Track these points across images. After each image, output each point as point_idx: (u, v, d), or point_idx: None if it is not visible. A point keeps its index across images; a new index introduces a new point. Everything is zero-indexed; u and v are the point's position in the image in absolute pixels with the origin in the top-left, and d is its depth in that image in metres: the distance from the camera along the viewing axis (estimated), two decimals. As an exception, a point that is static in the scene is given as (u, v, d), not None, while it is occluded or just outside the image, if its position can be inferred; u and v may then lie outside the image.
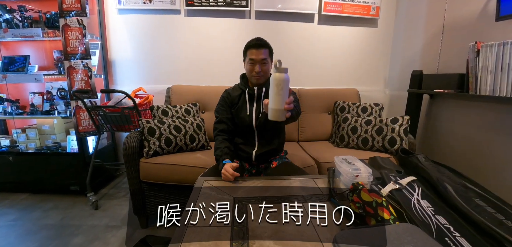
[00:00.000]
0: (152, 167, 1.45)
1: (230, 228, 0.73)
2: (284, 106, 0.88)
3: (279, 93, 0.87)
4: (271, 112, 0.91)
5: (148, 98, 1.87)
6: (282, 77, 0.86)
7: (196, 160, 1.48)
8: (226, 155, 1.14)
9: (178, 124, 1.59)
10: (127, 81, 2.30)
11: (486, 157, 1.48)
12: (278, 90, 0.86)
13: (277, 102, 0.88)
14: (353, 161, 1.03)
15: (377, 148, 1.62)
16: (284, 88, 0.87)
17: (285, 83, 0.87)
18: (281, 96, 0.87)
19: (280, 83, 0.86)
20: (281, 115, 0.90)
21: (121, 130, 1.89)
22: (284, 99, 0.88)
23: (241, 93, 1.28)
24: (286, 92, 0.88)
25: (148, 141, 1.48)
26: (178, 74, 2.24)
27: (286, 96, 0.88)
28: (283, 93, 0.87)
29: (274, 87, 0.87)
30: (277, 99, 0.88)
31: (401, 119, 1.59)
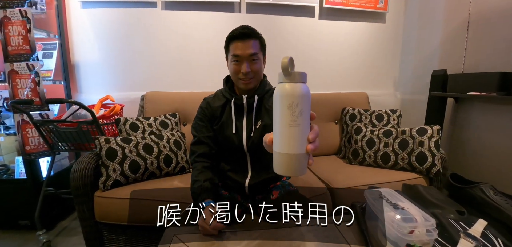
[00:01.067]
0: (111, 203, 1.07)
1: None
2: (305, 149, 0.44)
3: (293, 123, 0.43)
4: (279, 161, 0.45)
5: (114, 109, 1.50)
6: (297, 92, 0.42)
7: (172, 191, 1.11)
8: (206, 193, 0.80)
9: (149, 142, 1.22)
10: (93, 88, 1.92)
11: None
12: (292, 117, 0.43)
13: (291, 141, 0.43)
14: (397, 200, 0.70)
15: (402, 166, 1.30)
16: (303, 112, 0.43)
17: (305, 103, 0.43)
18: (299, 128, 0.43)
19: (295, 103, 0.42)
20: (299, 165, 0.44)
21: (80, 149, 1.50)
22: (304, 134, 0.44)
23: (225, 103, 0.93)
24: (307, 120, 0.44)
25: (106, 167, 1.11)
26: (155, 79, 1.88)
27: (306, 128, 0.44)
28: (301, 123, 0.43)
29: (283, 113, 0.43)
30: (289, 134, 0.43)
31: (430, 130, 1.28)
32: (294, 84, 0.43)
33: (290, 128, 0.42)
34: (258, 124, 0.92)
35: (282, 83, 0.44)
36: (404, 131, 1.34)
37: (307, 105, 0.43)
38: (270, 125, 0.92)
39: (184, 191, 1.10)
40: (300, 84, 0.43)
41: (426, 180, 1.28)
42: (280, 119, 0.43)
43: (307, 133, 0.44)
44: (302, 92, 0.42)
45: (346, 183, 1.20)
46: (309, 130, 0.45)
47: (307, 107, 0.43)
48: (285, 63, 0.42)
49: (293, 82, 0.43)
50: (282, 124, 0.43)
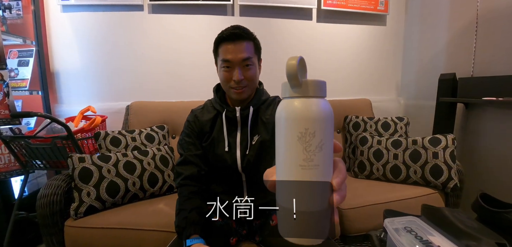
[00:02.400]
0: (84, 234, 0.92)
1: None
2: (327, 203, 0.26)
3: (308, 164, 0.26)
4: (286, 221, 0.27)
5: (94, 121, 1.34)
6: (314, 114, 0.26)
7: (157, 216, 0.96)
8: (193, 227, 0.65)
9: (131, 159, 1.08)
10: (75, 98, 1.76)
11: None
12: (306, 154, 0.26)
13: (304, 192, 0.26)
14: (424, 232, 0.57)
15: (415, 180, 1.18)
16: (323, 146, 0.26)
17: (326, 130, 0.26)
18: (316, 171, 0.26)
19: (310, 131, 0.26)
20: (317, 226, 0.27)
21: (57, 166, 1.34)
22: (325, 180, 0.26)
23: (215, 116, 0.80)
24: (329, 156, 0.27)
25: (79, 190, 0.96)
26: (141, 87, 1.73)
27: (328, 169, 0.27)
28: (320, 162, 0.26)
29: (292, 146, 0.27)
30: (301, 182, 0.26)
31: (444, 140, 1.17)
32: (308, 101, 0.27)
33: (302, 171, 0.26)
34: (254, 139, 0.78)
35: (289, 100, 0.28)
36: (415, 140, 1.22)
37: (330, 133, 0.27)
38: (268, 140, 0.76)
39: (171, 216, 0.95)
40: (318, 100, 0.27)
41: (442, 195, 1.16)
42: (286, 157, 0.27)
43: (330, 176, 0.27)
44: (322, 113, 0.26)
45: (355, 201, 1.07)
46: (332, 171, 0.27)
47: (329, 137, 0.26)
48: (293, 67, 0.26)
49: (307, 97, 0.27)
50: (290, 163, 0.27)
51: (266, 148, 0.78)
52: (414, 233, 0.57)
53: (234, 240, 0.83)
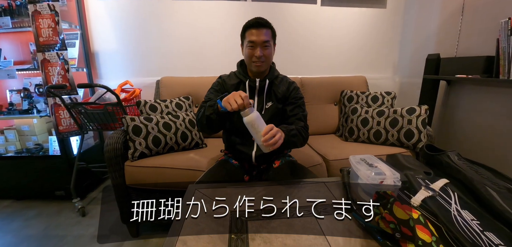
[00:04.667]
0: (138, 171, 1.28)
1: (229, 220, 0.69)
2: (261, 141, 0.83)
3: (255, 131, 0.85)
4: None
5: (134, 93, 1.68)
6: (251, 118, 0.84)
7: (189, 161, 1.30)
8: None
9: (167, 121, 1.41)
10: (112, 74, 2.10)
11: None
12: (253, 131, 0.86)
13: (258, 138, 0.85)
14: (373, 162, 0.86)
15: (392, 142, 1.45)
16: (256, 123, 0.84)
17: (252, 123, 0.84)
18: (258, 131, 0.84)
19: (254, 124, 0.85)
20: (264, 147, 0.85)
21: (106, 128, 1.71)
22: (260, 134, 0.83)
23: (238, 83, 1.09)
24: (261, 125, 0.85)
25: (133, 141, 1.30)
26: (169, 65, 2.04)
27: (261, 127, 0.84)
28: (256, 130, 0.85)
29: (250, 129, 0.86)
30: (256, 136, 0.86)
31: (418, 110, 1.42)
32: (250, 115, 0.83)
33: (257, 134, 0.84)
34: (268, 105, 1.08)
35: (245, 118, 0.83)
36: (396, 110, 1.47)
37: (258, 122, 0.83)
38: (278, 109, 1.14)
39: (199, 161, 1.29)
40: (252, 113, 0.83)
41: (413, 154, 1.42)
42: (252, 133, 0.85)
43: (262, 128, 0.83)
44: (255, 116, 0.83)
45: (339, 155, 1.36)
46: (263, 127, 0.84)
47: (259, 123, 0.83)
48: None
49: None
50: (253, 134, 0.84)
51: (276, 113, 1.09)
52: (367, 163, 0.86)
53: (247, 178, 1.15)
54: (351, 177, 0.93)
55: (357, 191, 0.85)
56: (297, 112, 1.08)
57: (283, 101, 1.10)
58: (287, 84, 1.12)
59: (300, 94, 1.13)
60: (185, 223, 0.68)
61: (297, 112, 1.08)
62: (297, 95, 1.11)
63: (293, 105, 1.10)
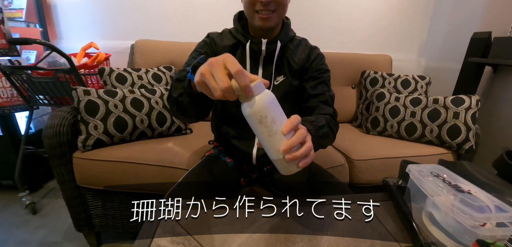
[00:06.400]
0: (93, 166, 0.91)
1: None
2: (281, 151, 0.40)
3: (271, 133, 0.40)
4: (278, 166, 0.44)
5: (97, 57, 1.27)
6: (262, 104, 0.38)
7: (165, 154, 0.94)
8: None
9: (138, 96, 1.03)
10: (75, 34, 1.66)
11: None
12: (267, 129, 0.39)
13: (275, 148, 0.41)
14: (456, 180, 0.54)
15: (429, 139, 1.14)
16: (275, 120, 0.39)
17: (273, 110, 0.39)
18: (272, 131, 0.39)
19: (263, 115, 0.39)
20: (289, 165, 0.42)
21: (62, 103, 1.31)
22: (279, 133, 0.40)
23: (235, 45, 0.71)
24: (278, 118, 0.40)
25: (86, 123, 0.93)
26: (148, 25, 1.61)
27: (279, 123, 0.40)
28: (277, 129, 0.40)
29: (257, 128, 0.40)
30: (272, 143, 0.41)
31: (468, 100, 1.10)
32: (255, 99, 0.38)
33: (269, 139, 0.40)
34: (278, 80, 0.71)
35: (244, 104, 0.39)
36: (437, 99, 1.15)
37: (275, 112, 0.39)
38: (293, 86, 0.70)
39: (180, 155, 0.94)
40: (261, 95, 0.38)
41: (455, 156, 1.13)
42: (259, 135, 0.41)
43: (282, 137, 0.40)
44: (265, 105, 0.38)
45: (366, 154, 1.04)
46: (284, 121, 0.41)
47: (277, 113, 0.40)
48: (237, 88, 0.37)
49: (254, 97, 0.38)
50: (263, 137, 0.40)
51: (289, 92, 0.71)
52: (441, 178, 0.54)
53: (244, 181, 0.81)
54: (407, 196, 0.61)
55: (422, 224, 0.54)
56: (322, 91, 0.72)
57: (301, 75, 0.74)
58: (308, 49, 0.74)
59: (326, 66, 0.76)
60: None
61: (322, 91, 0.72)
62: (321, 66, 0.74)
63: (316, 81, 0.73)
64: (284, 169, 0.43)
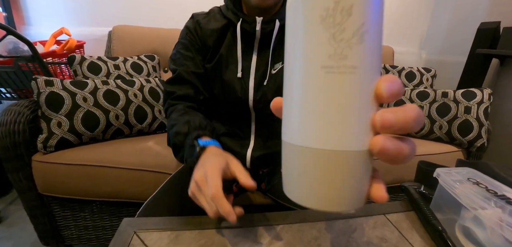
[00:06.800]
0: (56, 171, 0.76)
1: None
2: (367, 142, 0.15)
3: (336, 64, 0.14)
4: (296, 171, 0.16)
5: (67, 44, 1.11)
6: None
7: (145, 155, 0.81)
8: (199, 130, 0.48)
9: (113, 88, 0.88)
10: (46, 20, 1.47)
11: None
12: (334, 45, 0.14)
13: (329, 114, 0.14)
14: (493, 186, 0.44)
15: (438, 135, 1.05)
16: (368, 34, 0.14)
17: (371, 9, 0.14)
18: (353, 78, 0.14)
19: (344, 6, 0.14)
20: (348, 183, 0.15)
21: (26, 97, 1.14)
22: (367, 99, 0.15)
23: (224, 27, 0.57)
24: (376, 56, 0.15)
25: (48, 120, 0.78)
26: (128, 10, 1.45)
27: (371, 79, 0.15)
28: (360, 63, 0.14)
29: (309, 36, 0.15)
30: (325, 95, 0.14)
31: (479, 94, 1.02)
32: None
33: (327, 76, 0.14)
34: (276, 67, 0.58)
35: None
36: (445, 93, 1.06)
37: (378, 16, 0.14)
38: None
39: (162, 156, 0.81)
40: None
41: (465, 154, 1.05)
42: (298, 55, 0.15)
43: (374, 96, 0.15)
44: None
45: (374, 154, 0.94)
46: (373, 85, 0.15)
47: (376, 22, 0.14)
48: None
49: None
50: (305, 64, 0.15)
51: None
52: (483, 186, 0.44)
53: (236, 187, 0.70)
54: (435, 205, 0.51)
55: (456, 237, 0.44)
56: None
57: None
58: None
59: None
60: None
61: None
62: None
63: None
64: (334, 191, 0.15)
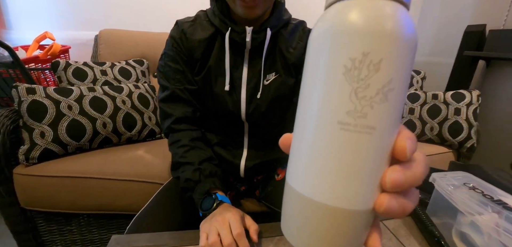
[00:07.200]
0: (40, 184, 0.72)
1: None
2: (372, 202, 0.14)
3: (355, 122, 0.13)
4: (300, 218, 0.16)
5: (51, 49, 1.06)
6: (382, 29, 0.12)
7: (135, 165, 0.78)
8: (210, 179, 0.49)
9: (100, 95, 0.85)
10: (29, 24, 1.41)
11: None
12: (355, 102, 0.13)
13: (341, 172, 0.14)
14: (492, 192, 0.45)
15: (429, 137, 1.07)
16: (394, 92, 0.13)
17: (400, 67, 0.13)
18: (371, 139, 0.13)
19: (371, 59, 0.12)
20: (351, 237, 0.15)
21: (7, 105, 1.08)
22: (381, 160, 0.14)
23: (212, 36, 0.54)
24: (396, 117, 0.14)
25: (30, 130, 0.73)
26: (115, 13, 1.41)
27: (389, 139, 0.14)
28: (381, 124, 0.13)
29: (330, 86, 0.13)
30: (339, 154, 0.14)
31: (468, 96, 1.04)
32: (373, 3, 0.13)
33: (342, 134, 0.13)
34: (269, 78, 0.56)
35: (337, 4, 0.14)
36: (436, 95, 1.08)
37: (406, 74, 0.13)
38: (288, 85, 0.57)
39: (153, 165, 0.78)
40: (395, 4, 0.13)
41: (455, 155, 1.07)
42: (314, 105, 0.14)
43: (390, 155, 0.14)
44: (401, 30, 0.12)
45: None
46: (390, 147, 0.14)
47: (404, 80, 0.13)
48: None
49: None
50: (320, 117, 0.14)
51: (285, 94, 0.57)
52: (479, 191, 0.44)
53: (230, 195, 0.68)
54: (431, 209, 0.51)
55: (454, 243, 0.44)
56: None
57: (298, 69, 0.57)
58: (306, 36, 0.58)
59: None
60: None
61: None
62: None
63: None
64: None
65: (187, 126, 0.55)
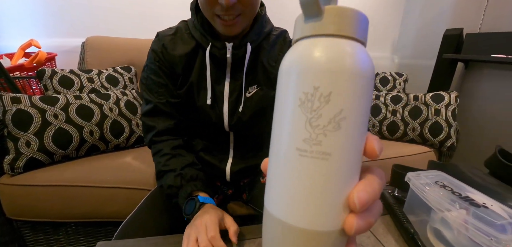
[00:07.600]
0: (25, 193, 0.72)
1: None
2: (340, 222, 0.15)
3: (311, 149, 0.14)
4: (274, 237, 0.17)
5: (37, 57, 1.05)
6: (336, 65, 0.14)
7: (123, 171, 0.78)
8: (192, 183, 0.51)
9: (86, 102, 0.85)
10: (14, 31, 1.39)
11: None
12: (310, 130, 0.14)
13: (302, 196, 0.15)
14: (459, 188, 0.48)
15: (412, 137, 1.11)
16: (346, 121, 0.14)
17: (352, 97, 0.14)
18: (326, 165, 0.14)
19: (322, 92, 0.14)
20: None
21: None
22: (341, 183, 0.15)
23: (194, 50, 0.54)
24: (353, 144, 0.15)
25: (15, 140, 0.73)
26: (101, 22, 1.40)
27: (349, 163, 0.15)
28: (336, 149, 0.14)
29: (291, 115, 0.15)
30: (300, 178, 0.15)
31: (447, 97, 1.09)
32: (327, 41, 0.15)
33: (301, 160, 0.15)
34: (251, 91, 0.57)
35: (299, 42, 0.16)
36: (417, 96, 1.13)
37: (360, 105, 0.14)
38: (270, 97, 0.57)
39: (141, 171, 0.79)
40: (347, 42, 0.15)
41: (436, 154, 1.11)
42: (278, 132, 0.16)
43: (351, 179, 0.15)
44: (350, 64, 0.14)
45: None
46: (356, 172, 0.16)
47: (358, 110, 0.14)
48: None
49: (328, 35, 0.15)
50: (283, 144, 0.16)
51: (268, 106, 0.58)
52: (449, 189, 0.47)
53: (218, 199, 0.69)
54: (408, 207, 0.54)
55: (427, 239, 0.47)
56: None
57: None
58: (287, 46, 0.59)
59: None
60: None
61: None
62: None
63: None
64: None
65: (168, 137, 0.57)
